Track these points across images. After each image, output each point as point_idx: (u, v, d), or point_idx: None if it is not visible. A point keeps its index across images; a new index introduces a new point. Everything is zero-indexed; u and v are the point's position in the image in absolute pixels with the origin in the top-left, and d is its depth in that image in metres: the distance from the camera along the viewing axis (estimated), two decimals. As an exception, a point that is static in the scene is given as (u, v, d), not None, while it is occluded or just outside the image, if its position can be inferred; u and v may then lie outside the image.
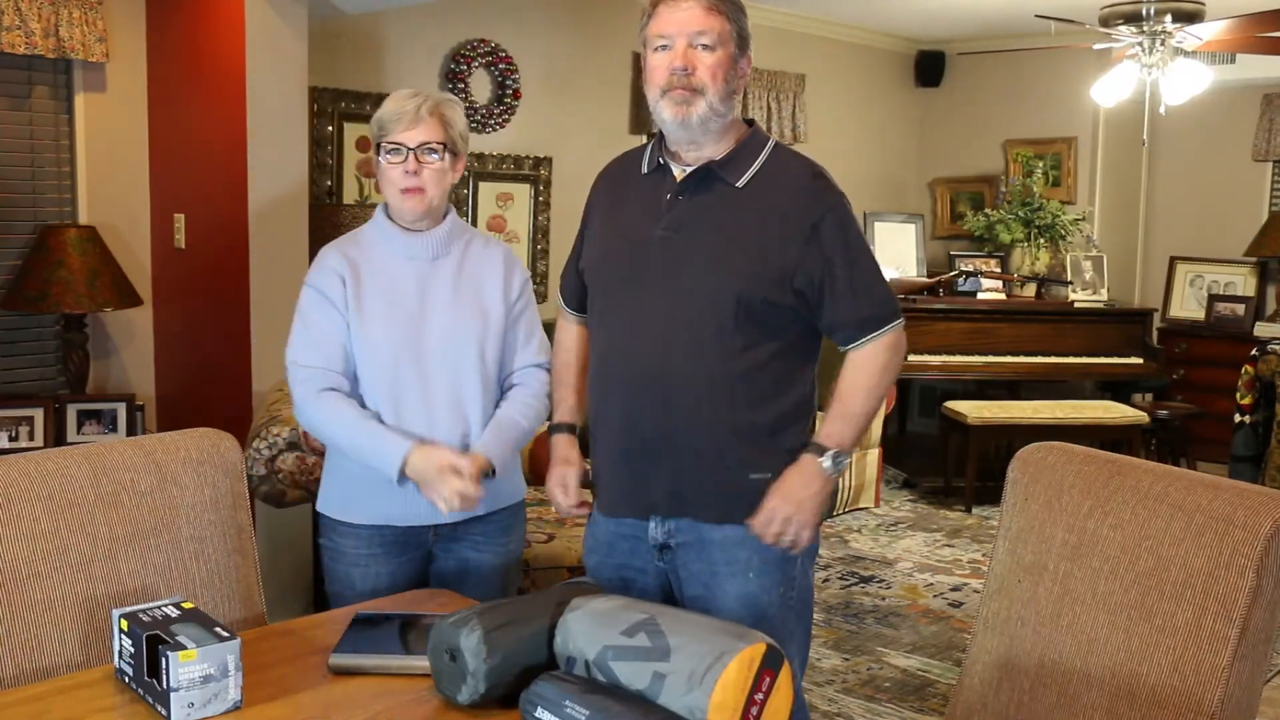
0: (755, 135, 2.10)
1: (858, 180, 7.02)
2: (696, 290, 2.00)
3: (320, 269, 2.31)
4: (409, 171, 2.24)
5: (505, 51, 5.21)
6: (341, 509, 2.32)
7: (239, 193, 3.83)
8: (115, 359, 4.27)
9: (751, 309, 1.99)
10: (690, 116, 1.99)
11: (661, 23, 2.00)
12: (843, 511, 5.69)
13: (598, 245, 2.16)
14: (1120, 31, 4.88)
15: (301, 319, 2.30)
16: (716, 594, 2.04)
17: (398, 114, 2.25)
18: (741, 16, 2.04)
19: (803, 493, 2.01)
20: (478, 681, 1.60)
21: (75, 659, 1.89)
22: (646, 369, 2.02)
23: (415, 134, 2.24)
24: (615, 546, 2.15)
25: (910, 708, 3.51)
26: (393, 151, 2.25)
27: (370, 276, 2.29)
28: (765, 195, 2.03)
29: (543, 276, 5.49)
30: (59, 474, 1.95)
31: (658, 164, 2.11)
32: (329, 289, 2.28)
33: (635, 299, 2.06)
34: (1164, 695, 1.76)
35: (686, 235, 2.02)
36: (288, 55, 3.89)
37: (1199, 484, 1.84)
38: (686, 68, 1.98)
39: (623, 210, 2.14)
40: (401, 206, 2.28)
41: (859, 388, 2.06)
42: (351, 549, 2.30)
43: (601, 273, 2.13)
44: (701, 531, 2.05)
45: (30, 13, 3.80)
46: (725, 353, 2.00)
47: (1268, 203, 6.58)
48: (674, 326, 2.01)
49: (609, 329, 2.11)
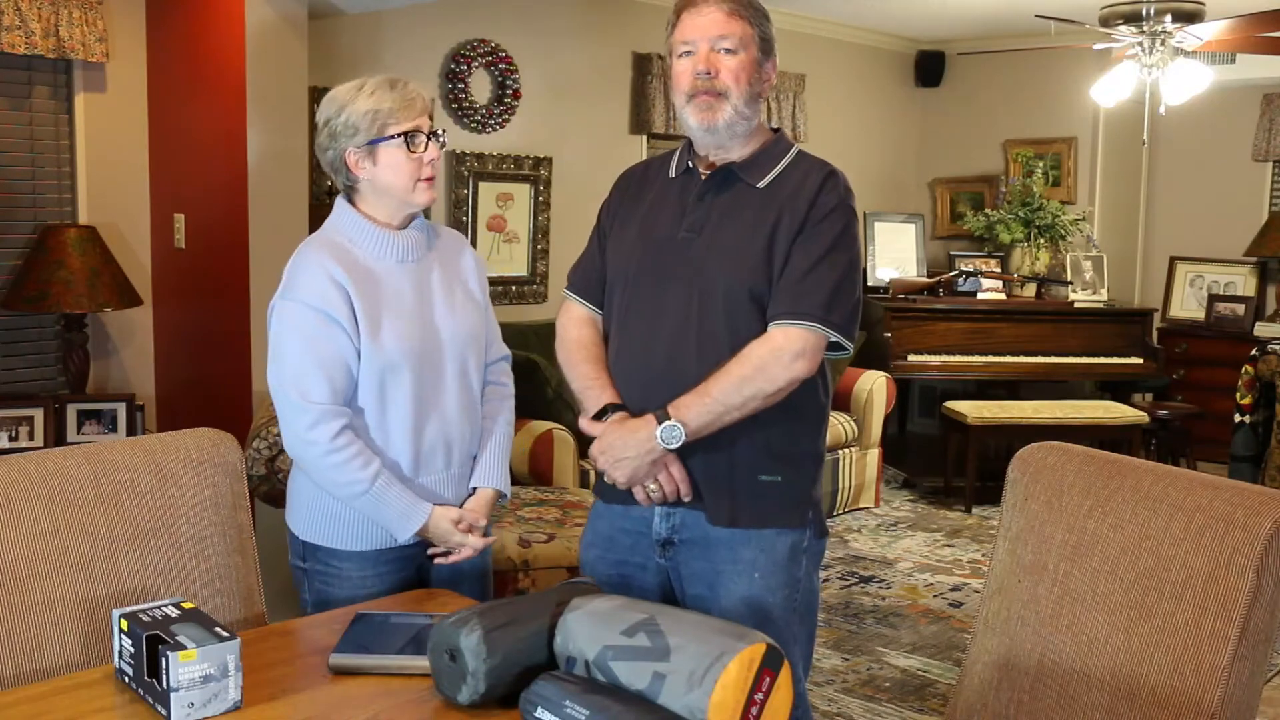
0: (780, 141, 2.13)
1: (858, 180, 6.95)
2: (711, 289, 2.01)
3: (314, 281, 2.09)
4: (432, 160, 2.15)
5: (505, 51, 5.21)
6: (342, 536, 2.19)
7: (239, 193, 3.83)
8: (115, 359, 4.27)
9: (763, 305, 2.01)
10: (716, 121, 2.02)
11: (685, 29, 2.04)
12: (843, 511, 5.69)
13: (621, 244, 2.16)
14: (1120, 31, 4.88)
15: (303, 341, 2.07)
16: (720, 594, 2.04)
17: (405, 101, 2.13)
18: (765, 22, 2.07)
19: (617, 442, 1.99)
20: (478, 681, 1.60)
21: (75, 659, 1.89)
22: (662, 366, 2.03)
23: (426, 121, 2.16)
24: (616, 541, 2.15)
25: (910, 708, 3.51)
26: (411, 139, 2.12)
27: (369, 284, 2.13)
28: (781, 195, 2.05)
29: (543, 277, 5.49)
30: (59, 474, 1.94)
31: (686, 168, 2.13)
32: (332, 307, 2.07)
33: (654, 298, 2.07)
34: (1164, 695, 1.76)
35: (706, 235, 2.05)
36: (288, 55, 3.89)
37: (1199, 484, 1.84)
38: (709, 71, 2.01)
39: (648, 212, 2.15)
40: (416, 198, 2.16)
41: (730, 373, 1.96)
42: (356, 573, 2.20)
43: (624, 272, 2.13)
44: (706, 530, 2.05)
45: (30, 13, 3.80)
46: (739, 348, 2.00)
47: (1268, 203, 6.58)
48: (690, 325, 2.02)
49: (627, 326, 2.11)
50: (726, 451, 2.02)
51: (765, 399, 1.97)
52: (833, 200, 2.04)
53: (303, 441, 2.09)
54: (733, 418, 1.97)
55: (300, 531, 2.24)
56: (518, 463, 4.27)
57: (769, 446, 2.04)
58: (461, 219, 5.17)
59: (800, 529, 2.08)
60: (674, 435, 1.95)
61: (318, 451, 2.07)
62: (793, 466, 2.06)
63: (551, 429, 4.26)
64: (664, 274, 2.06)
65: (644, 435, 1.97)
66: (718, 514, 2.04)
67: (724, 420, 1.97)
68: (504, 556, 3.46)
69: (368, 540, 2.19)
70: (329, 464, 2.08)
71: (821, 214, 2.02)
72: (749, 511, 2.03)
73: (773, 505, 2.05)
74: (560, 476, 4.25)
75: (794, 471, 2.07)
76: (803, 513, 2.08)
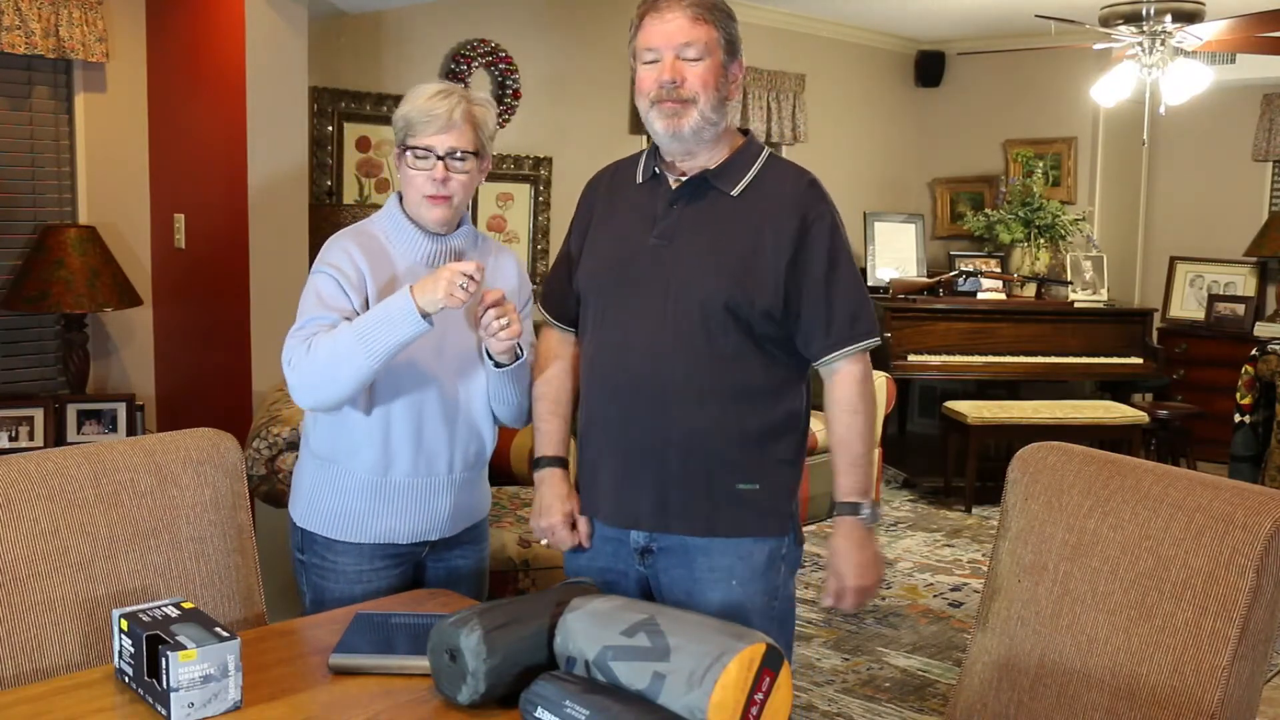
0: (750, 144, 2.10)
1: (858, 180, 7.03)
2: (687, 298, 1.99)
3: (335, 254, 2.13)
4: (436, 179, 2.11)
5: (505, 51, 5.21)
6: (340, 526, 2.19)
7: (239, 193, 3.83)
8: (115, 359, 4.27)
9: (741, 317, 1.99)
10: (682, 128, 1.99)
11: (648, 35, 2.00)
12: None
13: (592, 255, 2.14)
14: (1120, 31, 4.88)
15: (314, 300, 2.09)
16: (699, 602, 2.02)
17: (428, 115, 2.09)
18: (729, 23, 2.02)
19: (860, 556, 2.05)
20: (478, 681, 1.60)
21: (75, 659, 1.89)
22: (637, 376, 2.02)
23: (446, 139, 2.10)
24: (599, 549, 2.15)
25: (910, 708, 3.51)
26: (421, 157, 2.11)
27: (388, 275, 2.13)
28: (758, 204, 2.02)
29: (543, 277, 5.48)
30: (59, 474, 1.94)
31: (653, 173, 2.10)
32: (344, 276, 2.10)
33: (628, 307, 2.05)
34: (1164, 695, 1.76)
35: (679, 244, 2.02)
36: (288, 55, 3.89)
37: (1199, 484, 1.84)
38: (675, 80, 1.97)
39: (617, 220, 2.12)
40: (425, 214, 2.15)
41: (853, 428, 2.07)
42: (352, 567, 2.20)
43: (595, 281, 2.12)
44: (685, 538, 2.05)
45: (30, 13, 3.80)
46: (715, 361, 1.99)
47: (1268, 203, 6.58)
48: (664, 334, 2.01)
49: (601, 336, 2.10)
50: (704, 460, 2.01)
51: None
52: (825, 212, 2.03)
53: (292, 354, 2.06)
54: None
55: (299, 518, 2.25)
56: (517, 463, 4.27)
57: (747, 455, 2.03)
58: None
59: (779, 537, 2.07)
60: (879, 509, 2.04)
61: (304, 348, 2.03)
62: (770, 474, 2.06)
63: (551, 429, 4.25)
64: (636, 282, 2.04)
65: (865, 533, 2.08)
66: (695, 525, 2.03)
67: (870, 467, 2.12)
68: (504, 556, 3.46)
69: (363, 532, 2.19)
70: (316, 350, 2.02)
71: (825, 231, 2.01)
72: (727, 520, 2.03)
73: (751, 513, 2.04)
74: (560, 476, 4.23)
75: (772, 479, 2.06)
76: (781, 520, 2.08)
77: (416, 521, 2.21)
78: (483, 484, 2.34)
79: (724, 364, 2.00)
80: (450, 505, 2.24)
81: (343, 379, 2.02)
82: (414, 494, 2.20)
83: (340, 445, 2.19)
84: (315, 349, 2.03)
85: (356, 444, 2.17)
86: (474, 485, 2.29)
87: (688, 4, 1.97)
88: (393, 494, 2.18)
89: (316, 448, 2.23)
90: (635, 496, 2.05)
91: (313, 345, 2.04)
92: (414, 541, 2.23)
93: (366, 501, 2.19)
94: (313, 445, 2.24)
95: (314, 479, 2.23)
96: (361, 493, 2.19)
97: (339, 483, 2.20)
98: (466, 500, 2.27)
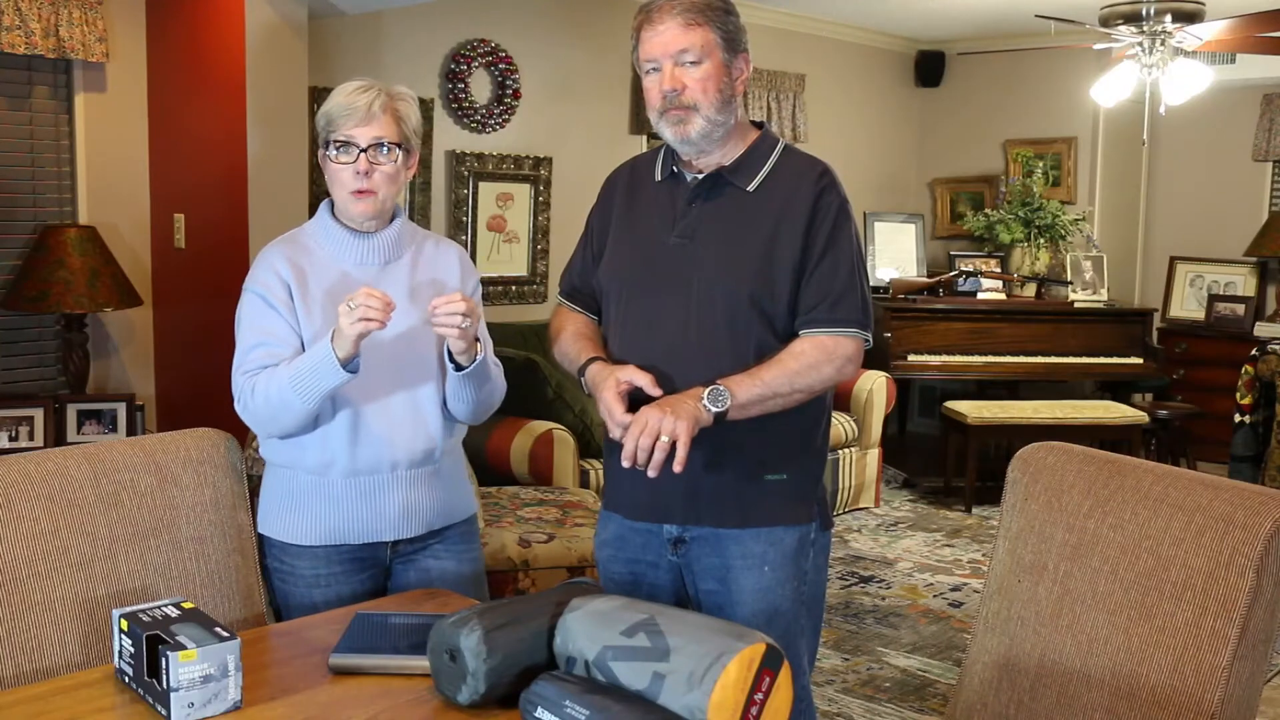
0: (765, 138, 2.12)
1: (858, 180, 7.03)
2: (710, 294, 2.02)
3: (262, 271, 2.16)
4: (359, 172, 2.10)
5: (505, 51, 5.21)
6: (291, 530, 2.18)
7: (239, 193, 3.83)
8: (115, 359, 4.27)
9: (763, 309, 2.01)
10: (689, 134, 2.02)
11: (647, 47, 2.02)
12: (843, 511, 5.69)
13: (614, 254, 2.16)
14: (1120, 31, 4.88)
15: (247, 326, 2.15)
16: (732, 589, 2.06)
17: (348, 109, 2.09)
18: (726, 19, 2.02)
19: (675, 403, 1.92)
20: (478, 681, 1.60)
21: (75, 659, 1.89)
22: (663, 374, 2.02)
23: (368, 131, 2.09)
24: (627, 541, 2.16)
25: (910, 708, 3.51)
26: (342, 149, 2.10)
27: (317, 283, 2.15)
28: (773, 196, 2.05)
29: (543, 277, 5.50)
30: (59, 474, 1.95)
31: (671, 172, 2.13)
32: (271, 293, 2.13)
33: (651, 306, 2.07)
34: (1164, 695, 1.76)
35: (700, 241, 2.05)
36: (288, 55, 3.89)
37: (1199, 484, 1.84)
38: (675, 89, 2.00)
39: (638, 218, 2.15)
40: (350, 209, 2.15)
41: (783, 364, 1.98)
42: (308, 570, 2.18)
43: (617, 281, 2.13)
44: (717, 529, 2.07)
45: (30, 13, 3.80)
46: (739, 354, 2.01)
47: (1268, 203, 6.58)
48: (689, 330, 2.03)
49: (625, 335, 2.11)
50: (734, 453, 2.03)
51: (808, 394, 2.01)
52: (835, 201, 2.05)
53: (239, 398, 2.12)
54: (773, 406, 1.98)
55: (259, 525, 2.24)
56: (518, 463, 4.27)
57: (775, 446, 2.05)
58: (461, 219, 5.17)
59: (807, 524, 2.10)
60: (721, 398, 1.93)
61: (248, 394, 2.09)
62: (798, 464, 2.09)
63: (551, 429, 4.26)
64: (659, 281, 2.06)
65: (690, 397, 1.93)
66: (726, 517, 2.05)
67: (766, 406, 1.97)
68: (504, 556, 3.46)
69: (311, 534, 2.17)
70: (260, 391, 2.07)
71: (830, 219, 2.02)
72: (758, 510, 2.06)
73: (780, 502, 2.07)
74: (560, 477, 4.25)
75: (799, 469, 2.09)
76: (809, 507, 2.11)
77: (364, 521, 2.17)
78: (453, 484, 2.28)
79: (748, 356, 2.01)
80: (400, 504, 2.19)
81: (288, 419, 2.09)
82: (356, 492, 2.16)
83: (287, 448, 2.18)
84: (258, 392, 2.08)
85: (302, 445, 2.16)
86: (431, 484, 2.22)
87: (679, 10, 1.98)
88: (334, 493, 2.16)
89: (267, 453, 2.23)
90: (665, 492, 2.05)
91: (256, 389, 2.09)
92: (367, 542, 2.19)
93: (311, 502, 2.17)
94: (264, 450, 2.24)
95: (269, 484, 2.24)
96: (306, 494, 2.17)
97: (287, 485, 2.20)
98: (426, 500, 2.22)
